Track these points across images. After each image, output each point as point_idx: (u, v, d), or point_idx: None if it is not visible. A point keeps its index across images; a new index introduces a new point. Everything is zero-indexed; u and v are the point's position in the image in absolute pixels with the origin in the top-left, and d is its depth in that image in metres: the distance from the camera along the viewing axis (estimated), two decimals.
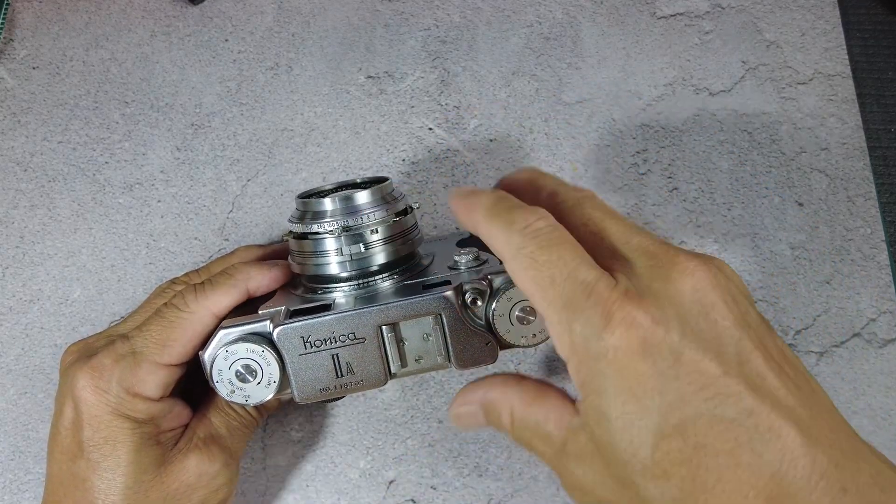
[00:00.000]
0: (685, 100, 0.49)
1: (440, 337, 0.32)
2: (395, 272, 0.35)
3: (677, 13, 0.51)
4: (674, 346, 0.23)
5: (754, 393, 0.23)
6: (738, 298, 0.25)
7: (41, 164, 0.46)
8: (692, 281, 0.24)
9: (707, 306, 0.24)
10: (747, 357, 0.24)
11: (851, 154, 0.48)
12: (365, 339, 0.32)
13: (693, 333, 0.24)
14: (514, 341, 0.32)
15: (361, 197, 0.34)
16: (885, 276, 0.45)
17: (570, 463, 0.27)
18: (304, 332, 0.31)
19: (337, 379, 0.32)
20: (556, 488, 0.40)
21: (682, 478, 0.23)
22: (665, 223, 0.46)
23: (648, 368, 0.23)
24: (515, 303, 0.31)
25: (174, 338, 0.33)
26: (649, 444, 0.23)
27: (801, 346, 0.44)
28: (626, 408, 0.23)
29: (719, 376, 0.23)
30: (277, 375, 0.32)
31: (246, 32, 0.49)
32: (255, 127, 0.47)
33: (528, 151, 0.48)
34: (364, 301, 0.33)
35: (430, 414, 0.42)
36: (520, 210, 0.27)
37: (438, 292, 0.32)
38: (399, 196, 0.36)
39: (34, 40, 0.48)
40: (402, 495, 0.41)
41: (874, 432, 0.42)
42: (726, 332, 0.24)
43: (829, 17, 0.51)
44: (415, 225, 0.36)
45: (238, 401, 0.32)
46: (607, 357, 0.24)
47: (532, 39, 0.50)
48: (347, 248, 0.34)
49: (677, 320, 0.24)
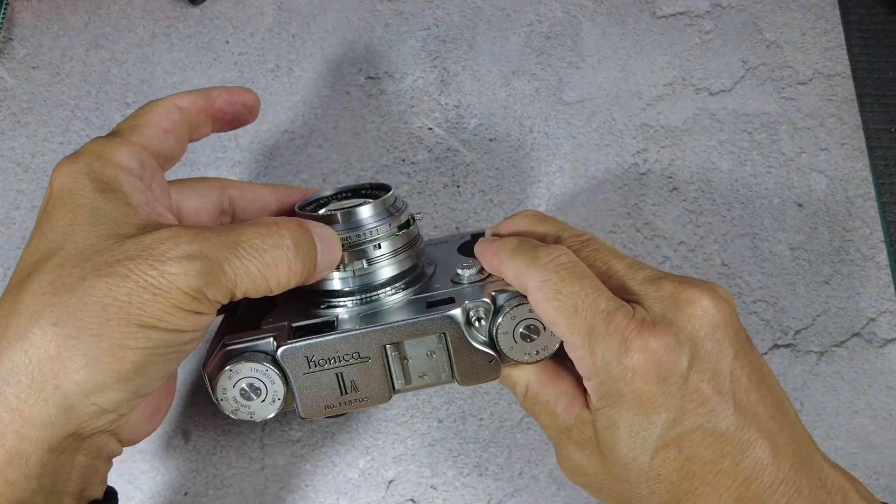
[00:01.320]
0: (685, 100, 0.49)
1: (444, 354, 0.33)
2: (398, 285, 0.35)
3: (677, 13, 0.51)
4: (682, 371, 0.27)
5: (739, 410, 0.27)
6: (733, 320, 0.28)
7: (42, 164, 0.46)
8: (700, 308, 0.28)
9: (713, 330, 0.27)
10: (737, 376, 0.27)
11: (851, 154, 0.48)
12: (369, 358, 0.32)
13: (699, 358, 0.27)
14: (517, 358, 0.32)
15: (364, 212, 0.34)
16: (884, 276, 0.45)
17: (570, 446, 0.30)
18: (308, 352, 0.31)
19: (341, 396, 0.32)
20: (557, 488, 0.41)
21: (672, 482, 0.27)
22: (665, 223, 0.46)
23: (659, 389, 0.27)
24: (519, 321, 0.31)
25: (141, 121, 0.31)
26: (649, 453, 0.27)
27: (802, 346, 0.44)
28: (635, 420, 0.27)
29: (713, 395, 0.27)
30: (282, 393, 0.32)
31: (246, 34, 0.49)
32: (256, 129, 0.47)
33: (528, 151, 0.48)
34: (368, 318, 0.32)
35: (429, 414, 0.42)
36: (543, 248, 0.30)
37: (443, 311, 0.32)
38: (402, 206, 0.35)
39: (34, 40, 0.48)
40: (401, 495, 0.41)
41: (874, 432, 0.42)
42: (724, 353, 0.27)
43: (829, 17, 0.51)
44: (417, 236, 0.36)
45: (243, 418, 0.32)
46: (625, 379, 0.27)
47: (532, 39, 0.50)
48: (350, 263, 0.33)
49: (689, 346, 0.27)
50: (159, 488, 0.41)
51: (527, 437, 0.42)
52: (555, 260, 0.29)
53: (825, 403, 0.42)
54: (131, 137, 0.30)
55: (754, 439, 0.27)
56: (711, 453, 0.26)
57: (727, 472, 0.26)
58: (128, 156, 0.29)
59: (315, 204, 0.37)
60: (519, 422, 0.42)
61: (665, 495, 0.27)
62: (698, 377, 0.27)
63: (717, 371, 0.27)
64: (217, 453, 0.41)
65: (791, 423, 0.28)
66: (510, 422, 0.42)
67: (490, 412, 0.42)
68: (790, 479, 0.27)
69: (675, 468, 0.27)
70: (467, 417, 0.42)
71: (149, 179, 0.31)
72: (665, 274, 0.29)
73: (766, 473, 0.26)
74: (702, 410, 0.26)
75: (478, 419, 0.42)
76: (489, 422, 0.42)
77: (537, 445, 0.41)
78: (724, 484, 0.26)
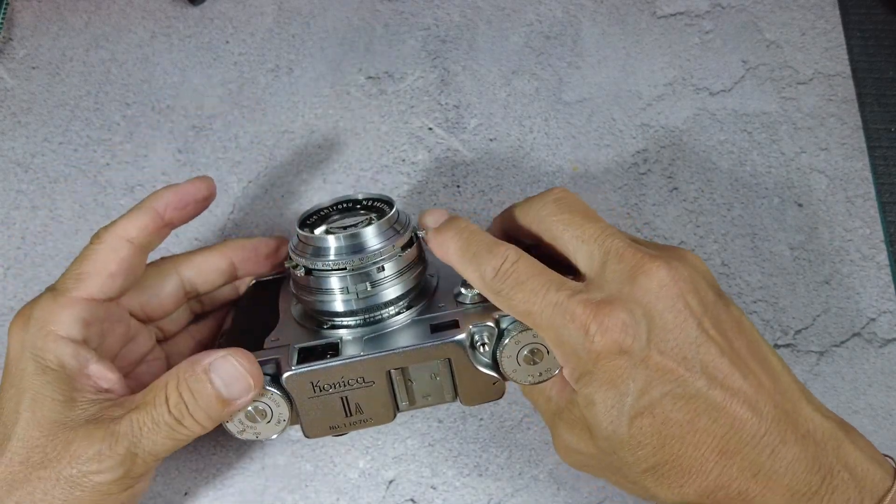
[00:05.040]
0: (685, 100, 0.49)
1: (448, 377, 0.33)
2: (402, 304, 0.34)
3: (677, 12, 0.51)
4: (642, 345, 0.28)
5: (707, 374, 0.28)
6: (698, 286, 0.29)
7: (42, 164, 0.46)
8: (656, 280, 0.29)
9: (671, 300, 0.29)
10: (703, 341, 0.28)
11: (851, 154, 0.48)
12: (374, 383, 0.32)
13: (658, 329, 0.28)
14: (521, 380, 0.32)
15: (367, 233, 0.33)
16: (884, 276, 0.45)
17: (562, 426, 0.32)
18: (312, 378, 0.31)
19: (346, 418, 0.33)
20: (557, 488, 0.41)
21: (653, 446, 0.28)
22: (665, 223, 0.46)
23: (623, 363, 0.28)
24: (523, 346, 0.31)
25: (87, 269, 0.33)
26: (626, 423, 0.28)
27: (801, 345, 0.44)
28: (608, 395, 0.29)
29: (677, 365, 0.28)
30: (287, 415, 0.32)
31: (246, 34, 0.49)
32: (257, 129, 0.47)
33: (528, 151, 0.48)
34: (372, 341, 0.32)
35: (429, 414, 0.42)
36: (485, 253, 0.31)
37: (448, 337, 0.32)
38: (405, 222, 0.35)
39: (33, 40, 0.48)
40: (401, 495, 0.41)
41: (874, 432, 0.42)
42: (687, 323, 0.28)
43: (829, 17, 0.51)
44: (420, 254, 0.35)
45: (249, 438, 0.32)
46: (591, 360, 0.29)
47: (532, 38, 0.50)
48: (353, 286, 0.33)
49: (645, 320, 0.28)
50: (159, 488, 0.41)
51: (527, 437, 0.42)
52: (499, 270, 0.30)
53: (825, 403, 0.42)
54: (76, 294, 0.32)
55: (729, 397, 0.28)
56: (685, 415, 0.28)
57: (705, 430, 0.28)
58: (70, 322, 0.32)
59: (315, 216, 0.36)
60: (519, 422, 0.42)
61: (650, 459, 0.29)
62: (659, 349, 0.28)
63: (679, 340, 0.28)
64: (217, 453, 0.41)
65: (773, 378, 0.29)
66: (510, 422, 0.42)
67: (490, 412, 0.42)
68: (773, 430, 0.28)
69: (652, 433, 0.28)
70: (467, 417, 0.42)
71: (96, 335, 0.33)
72: (631, 244, 0.30)
73: (747, 427, 0.28)
74: (668, 377, 0.28)
75: (478, 419, 0.42)
76: (489, 422, 0.42)
77: (537, 445, 0.41)
78: (704, 441, 0.28)
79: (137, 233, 0.34)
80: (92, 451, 0.30)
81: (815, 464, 0.28)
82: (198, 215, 0.37)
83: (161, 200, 0.35)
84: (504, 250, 0.31)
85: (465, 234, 0.32)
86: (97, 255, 0.33)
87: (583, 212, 0.32)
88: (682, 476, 0.28)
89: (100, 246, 0.33)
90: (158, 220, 0.35)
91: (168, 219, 0.35)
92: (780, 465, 0.28)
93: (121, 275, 0.34)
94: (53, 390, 0.31)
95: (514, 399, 0.42)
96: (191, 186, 0.35)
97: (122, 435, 0.30)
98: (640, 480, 0.29)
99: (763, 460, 0.28)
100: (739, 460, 0.28)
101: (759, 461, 0.28)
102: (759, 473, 0.28)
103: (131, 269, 0.34)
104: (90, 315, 0.33)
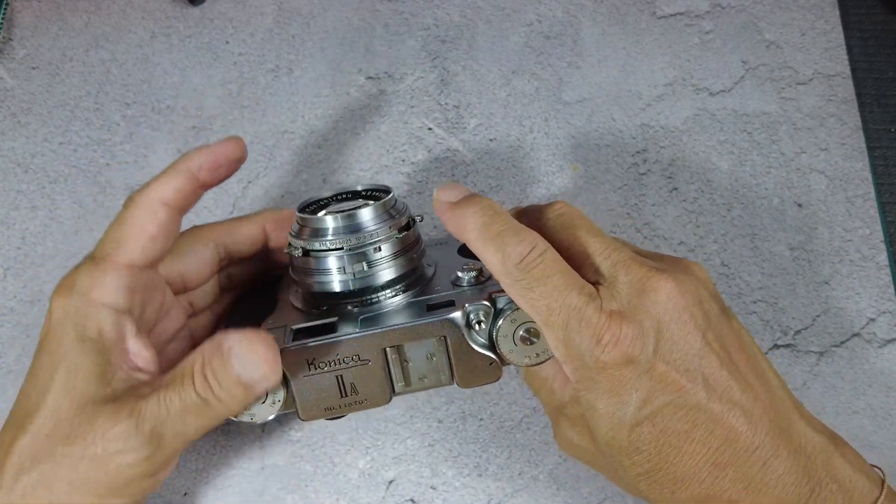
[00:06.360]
0: (685, 100, 0.49)
1: (444, 357, 0.33)
2: (398, 287, 0.34)
3: (677, 13, 0.51)
4: (649, 356, 0.29)
5: (708, 386, 0.29)
6: (703, 299, 0.30)
7: (42, 165, 0.46)
8: (664, 293, 0.29)
9: (678, 313, 0.29)
10: (706, 353, 0.29)
11: (851, 154, 0.48)
12: (369, 361, 0.32)
13: (664, 341, 0.29)
14: (517, 361, 0.32)
15: (364, 214, 0.34)
16: (884, 276, 0.45)
17: (563, 422, 0.33)
18: (308, 355, 0.31)
19: (341, 399, 0.32)
20: (557, 488, 0.41)
21: (651, 453, 0.29)
22: (665, 223, 0.46)
23: (629, 373, 0.29)
24: (519, 325, 0.31)
25: (126, 233, 0.32)
26: (626, 431, 0.29)
27: (801, 345, 0.44)
28: (610, 401, 0.29)
29: (680, 376, 0.29)
30: (282, 395, 0.32)
31: (246, 34, 0.49)
32: (257, 129, 0.47)
33: (528, 151, 0.48)
34: (368, 321, 0.32)
35: (429, 414, 0.42)
36: (511, 236, 0.30)
37: (443, 314, 0.32)
38: (402, 209, 0.35)
39: (33, 40, 0.48)
40: (401, 495, 0.41)
41: (874, 432, 0.42)
42: (691, 335, 0.29)
43: (829, 17, 0.51)
44: (418, 238, 0.36)
45: (244, 420, 0.32)
46: (597, 368, 0.29)
47: (532, 38, 0.50)
48: (350, 266, 0.33)
49: (653, 332, 0.29)
50: (159, 488, 0.41)
51: (527, 437, 0.42)
52: (525, 258, 0.30)
53: (825, 403, 0.42)
54: (117, 259, 0.31)
55: (726, 410, 0.28)
56: (684, 425, 0.29)
57: (701, 441, 0.28)
58: (114, 290, 0.31)
59: (315, 205, 0.37)
60: (519, 422, 0.42)
61: (646, 464, 0.29)
62: (664, 360, 0.29)
63: (684, 352, 0.29)
64: (217, 453, 0.41)
65: (769, 392, 0.30)
66: (510, 422, 0.42)
67: (490, 412, 0.42)
68: (766, 444, 0.28)
69: (651, 440, 0.29)
70: (467, 418, 0.42)
71: (138, 304, 0.32)
72: (638, 256, 0.31)
73: (741, 440, 0.28)
74: (671, 389, 0.29)
75: (478, 419, 0.42)
76: (489, 422, 0.42)
77: (537, 445, 0.41)
78: (700, 451, 0.28)
79: (173, 194, 0.32)
80: (118, 428, 0.29)
81: (805, 476, 0.28)
82: (230, 177, 0.35)
83: (195, 161, 0.33)
84: (533, 238, 0.30)
85: (490, 212, 0.31)
86: (134, 218, 0.32)
87: (586, 227, 0.32)
88: (675, 483, 0.29)
89: (136, 210, 0.32)
90: (194, 181, 0.33)
91: (203, 180, 0.34)
92: (770, 478, 0.28)
93: (161, 238, 0.32)
94: (90, 362, 0.30)
95: (514, 399, 0.42)
96: (224, 147, 0.34)
97: (150, 413, 0.29)
98: (634, 483, 0.30)
99: (755, 473, 0.28)
100: (732, 472, 0.28)
101: (751, 473, 0.28)
102: (750, 485, 0.28)
103: (169, 233, 0.33)
104: (132, 282, 0.32)
